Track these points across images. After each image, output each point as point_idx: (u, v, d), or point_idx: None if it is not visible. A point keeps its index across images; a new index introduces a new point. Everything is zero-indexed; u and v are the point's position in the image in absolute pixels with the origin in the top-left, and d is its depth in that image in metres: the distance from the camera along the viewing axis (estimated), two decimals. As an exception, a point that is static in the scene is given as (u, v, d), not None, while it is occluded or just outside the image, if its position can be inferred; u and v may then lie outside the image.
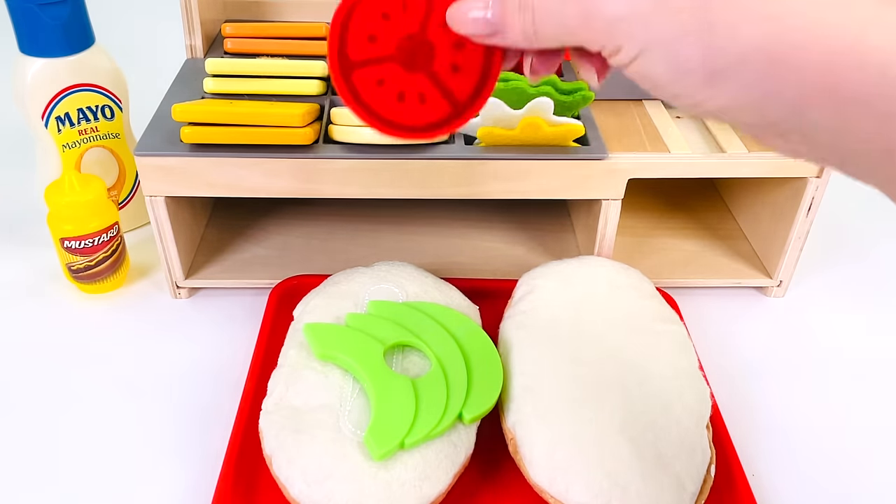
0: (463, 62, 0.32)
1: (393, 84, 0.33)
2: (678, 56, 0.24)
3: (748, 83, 0.24)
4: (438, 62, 0.33)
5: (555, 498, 0.37)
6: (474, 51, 0.32)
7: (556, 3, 0.27)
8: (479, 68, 0.32)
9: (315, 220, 0.61)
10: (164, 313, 0.54)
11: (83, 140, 0.55)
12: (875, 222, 0.66)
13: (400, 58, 0.33)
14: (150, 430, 0.45)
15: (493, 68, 0.32)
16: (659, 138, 0.52)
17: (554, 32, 0.27)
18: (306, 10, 0.63)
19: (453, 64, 0.33)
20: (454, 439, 0.39)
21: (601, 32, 0.26)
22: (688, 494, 0.38)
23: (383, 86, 0.33)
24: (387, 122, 0.33)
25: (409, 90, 0.33)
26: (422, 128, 0.33)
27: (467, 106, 0.33)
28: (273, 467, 0.38)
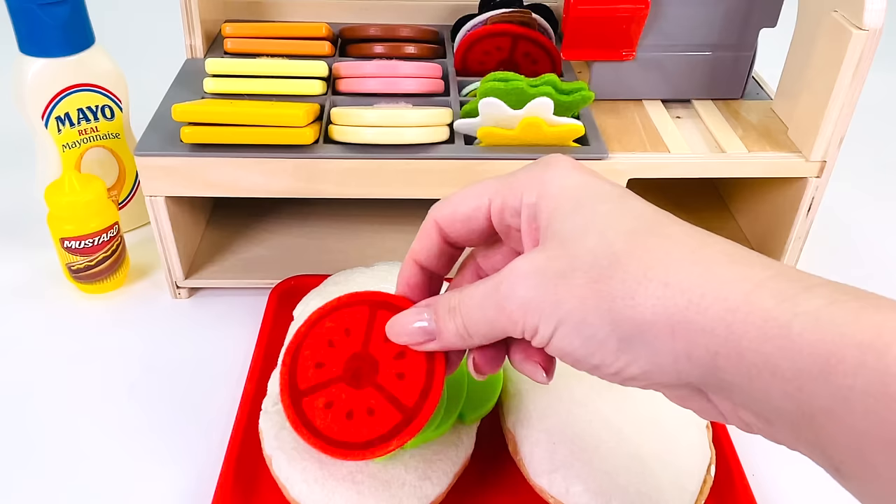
0: (407, 369, 0.34)
1: (341, 404, 0.34)
2: (588, 329, 0.25)
3: (657, 348, 0.24)
4: (383, 374, 0.34)
5: (555, 498, 0.37)
6: (416, 357, 0.34)
7: (476, 301, 0.29)
8: (423, 372, 0.34)
9: (315, 220, 0.61)
10: (164, 313, 0.54)
11: (83, 140, 0.55)
12: (875, 222, 0.66)
13: (346, 377, 0.35)
14: (150, 429, 0.45)
15: (436, 370, 0.33)
16: (659, 138, 0.52)
17: (482, 327, 0.29)
18: (306, 10, 0.63)
19: (398, 373, 0.34)
20: (454, 440, 0.39)
21: (518, 317, 0.27)
22: (688, 494, 0.38)
23: (332, 408, 0.34)
24: (337, 443, 0.34)
25: (357, 407, 0.34)
26: (372, 441, 0.33)
27: (416, 410, 0.33)
28: (273, 467, 0.38)
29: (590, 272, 0.25)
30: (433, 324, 0.31)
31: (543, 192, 0.28)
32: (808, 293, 0.23)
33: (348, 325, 0.36)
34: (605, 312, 0.25)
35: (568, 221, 0.27)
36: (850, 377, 0.21)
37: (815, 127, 0.49)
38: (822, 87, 0.48)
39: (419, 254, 0.33)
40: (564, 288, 0.26)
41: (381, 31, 0.58)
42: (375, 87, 0.52)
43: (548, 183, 0.28)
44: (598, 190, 0.28)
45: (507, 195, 0.29)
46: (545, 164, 0.29)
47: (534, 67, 0.56)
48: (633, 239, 0.26)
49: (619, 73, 0.55)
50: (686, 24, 0.53)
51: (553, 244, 0.27)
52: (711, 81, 0.56)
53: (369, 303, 0.36)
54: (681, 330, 0.24)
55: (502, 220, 0.30)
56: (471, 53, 0.56)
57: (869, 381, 0.21)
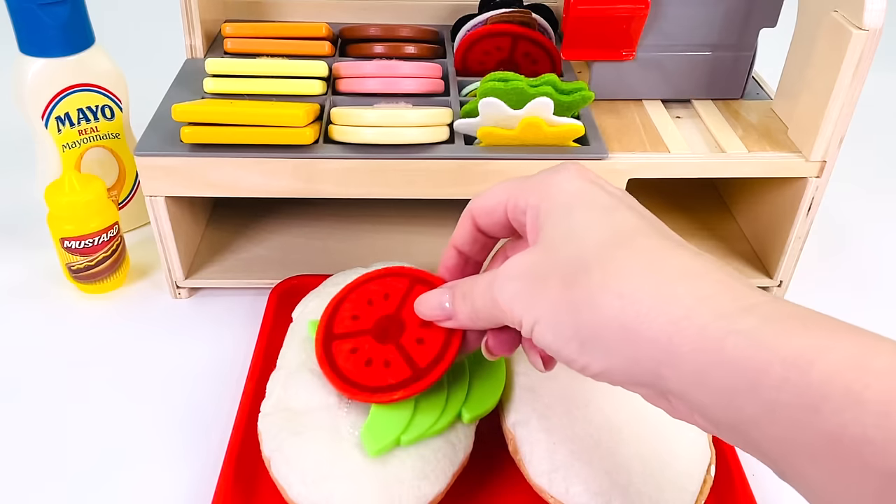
0: (427, 337, 0.38)
1: (364, 352, 0.39)
2: (557, 327, 0.28)
3: (611, 350, 0.27)
4: (406, 336, 0.39)
5: (555, 498, 0.37)
6: (437, 329, 0.38)
7: (479, 291, 0.33)
8: (440, 343, 0.38)
9: (315, 220, 0.61)
10: (164, 313, 0.54)
11: (83, 140, 0.55)
12: (875, 222, 0.66)
13: (375, 332, 0.40)
14: (149, 430, 0.45)
15: (452, 344, 0.38)
16: (659, 138, 0.52)
17: (486, 314, 0.33)
18: (306, 10, 0.63)
19: (419, 338, 0.39)
20: (452, 439, 0.39)
21: (507, 311, 0.31)
22: (688, 494, 0.38)
23: (356, 353, 0.39)
24: (350, 382, 0.38)
25: (376, 357, 0.39)
26: (380, 388, 0.38)
27: (425, 371, 0.37)
28: (272, 469, 0.38)
29: (563, 278, 0.28)
30: (451, 305, 0.35)
31: (545, 195, 0.31)
32: (745, 312, 0.25)
33: (388, 291, 0.41)
34: (570, 315, 0.28)
35: (557, 227, 0.30)
36: (775, 391, 0.23)
37: (815, 127, 0.49)
38: (822, 87, 0.48)
39: (456, 239, 0.37)
40: (542, 290, 0.29)
41: (381, 31, 0.58)
42: (375, 87, 0.52)
43: (550, 187, 0.31)
44: (592, 198, 0.30)
45: (519, 195, 0.32)
46: (554, 169, 0.32)
47: (534, 67, 0.56)
48: (603, 250, 0.28)
49: (619, 73, 0.55)
50: (686, 24, 0.53)
51: (541, 247, 0.30)
52: (711, 81, 0.56)
53: (410, 276, 0.41)
54: (630, 338, 0.26)
55: (515, 217, 0.33)
56: (471, 53, 0.56)
57: (792, 395, 0.22)
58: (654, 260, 0.27)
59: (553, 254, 0.29)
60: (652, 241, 0.28)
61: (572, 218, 0.30)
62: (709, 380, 0.24)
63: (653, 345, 0.25)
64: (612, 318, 0.26)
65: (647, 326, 0.25)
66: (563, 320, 0.28)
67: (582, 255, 0.28)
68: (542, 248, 0.30)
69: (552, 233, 0.30)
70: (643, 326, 0.26)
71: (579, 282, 0.28)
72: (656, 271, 0.27)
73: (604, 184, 0.32)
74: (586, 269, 0.28)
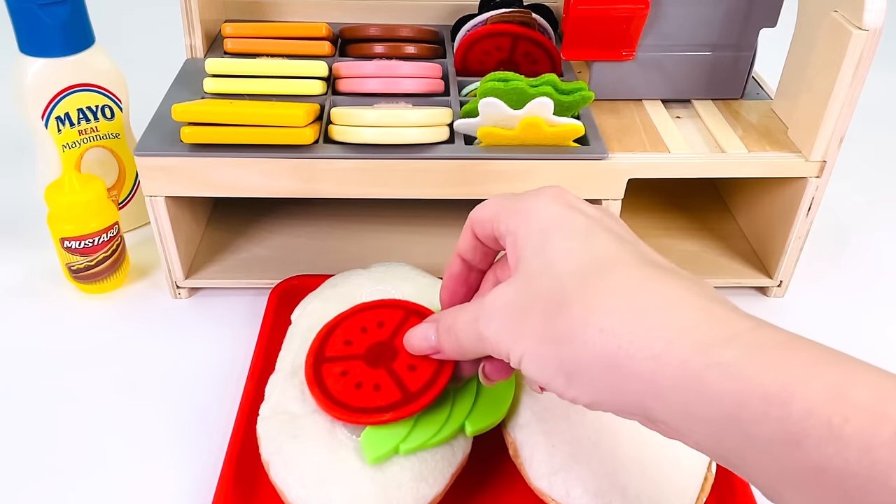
0: (419, 364, 0.39)
1: (355, 376, 0.39)
2: (542, 361, 0.28)
3: (596, 384, 0.27)
4: (398, 363, 0.39)
5: (555, 501, 0.37)
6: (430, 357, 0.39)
7: (462, 325, 0.33)
8: (432, 370, 0.39)
9: (315, 220, 0.61)
10: (164, 313, 0.54)
11: (83, 140, 0.55)
12: (875, 222, 0.66)
13: (366, 357, 0.40)
14: (149, 430, 0.45)
15: (444, 370, 0.38)
16: (659, 138, 0.52)
17: (471, 347, 0.33)
18: (306, 10, 0.63)
19: (411, 364, 0.39)
20: (451, 441, 0.39)
21: (492, 345, 0.31)
22: (688, 494, 0.38)
23: (346, 376, 0.39)
24: (338, 402, 0.38)
25: (367, 381, 0.39)
26: (369, 409, 0.38)
27: (416, 396, 0.38)
28: (270, 472, 0.38)
29: (544, 311, 0.28)
30: (436, 339, 0.36)
31: (522, 221, 0.31)
32: (726, 343, 0.24)
33: (383, 320, 0.42)
34: (553, 350, 0.28)
35: (534, 259, 0.30)
36: (756, 425, 0.23)
37: (815, 127, 0.49)
38: (822, 87, 0.48)
39: (460, 248, 0.37)
40: (524, 324, 0.29)
41: (381, 31, 0.58)
42: (375, 87, 0.52)
43: (529, 213, 0.31)
44: (569, 226, 0.30)
45: (501, 217, 0.33)
46: (533, 193, 0.32)
47: (534, 67, 0.56)
48: (582, 283, 0.28)
49: (619, 72, 0.55)
50: (686, 24, 0.53)
51: (521, 279, 0.30)
52: (711, 81, 0.56)
53: (405, 308, 0.43)
54: (613, 372, 0.26)
55: (499, 237, 0.33)
56: (471, 53, 0.56)
57: (773, 430, 0.22)
58: (633, 291, 0.27)
59: (533, 285, 0.29)
60: (630, 272, 0.28)
61: (550, 246, 0.30)
62: (692, 412, 0.24)
63: (636, 379, 0.25)
64: (594, 354, 0.26)
65: (630, 362, 0.25)
66: (546, 355, 0.28)
67: (561, 286, 0.28)
68: (521, 278, 0.30)
69: (531, 263, 0.30)
70: (626, 361, 0.25)
71: (560, 316, 0.27)
72: (636, 303, 0.26)
73: (582, 206, 0.31)
74: (566, 302, 0.28)
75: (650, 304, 0.26)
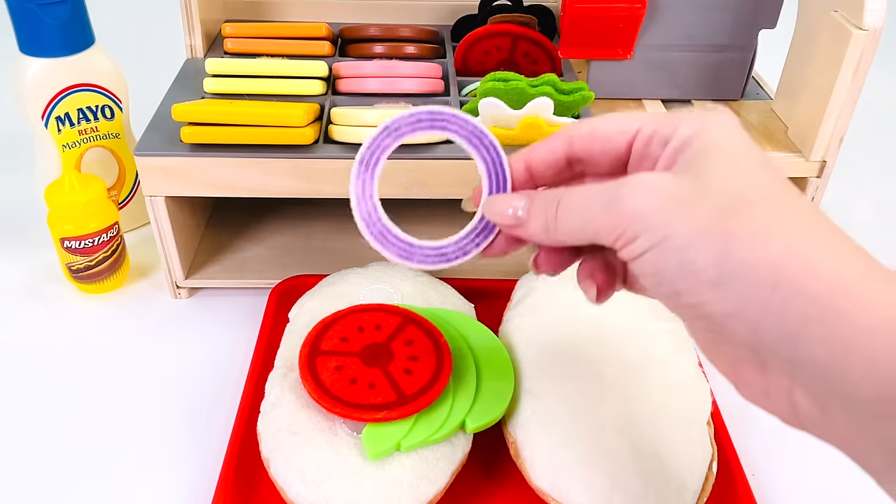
0: (416, 369, 0.39)
1: (350, 372, 0.39)
2: (692, 254, 0.25)
3: (751, 295, 0.24)
4: (394, 365, 0.40)
5: (556, 500, 0.37)
6: (426, 363, 0.40)
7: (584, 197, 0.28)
8: (428, 376, 0.39)
9: (315, 220, 0.61)
10: (164, 313, 0.54)
11: (83, 140, 0.55)
12: (875, 222, 0.66)
13: (362, 356, 0.40)
14: (149, 430, 0.45)
15: (440, 379, 0.39)
16: (659, 138, 0.51)
17: (574, 224, 0.29)
18: (306, 10, 0.63)
19: (407, 369, 0.40)
20: (452, 439, 0.39)
21: (621, 222, 0.27)
22: (689, 493, 0.38)
23: (341, 371, 0.39)
24: (333, 396, 0.38)
25: (362, 378, 0.39)
26: (363, 406, 0.38)
27: (411, 399, 0.38)
28: (271, 470, 0.38)
29: (717, 206, 0.25)
30: (524, 212, 0.31)
31: (702, 131, 0.28)
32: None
33: (381, 323, 0.42)
34: (718, 245, 0.25)
35: (714, 162, 0.27)
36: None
37: (815, 127, 0.49)
38: (822, 87, 0.48)
39: (535, 151, 0.33)
40: (684, 211, 0.26)
41: (381, 31, 0.58)
42: (375, 87, 0.52)
43: (710, 126, 0.28)
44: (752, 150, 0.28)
45: (663, 125, 0.29)
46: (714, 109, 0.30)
47: (534, 67, 0.56)
48: (773, 197, 0.26)
49: (618, 72, 0.55)
50: (685, 25, 0.53)
51: (689, 175, 0.27)
52: (711, 81, 0.56)
53: (403, 315, 0.43)
54: (785, 287, 0.24)
55: (647, 145, 0.30)
56: (471, 53, 0.56)
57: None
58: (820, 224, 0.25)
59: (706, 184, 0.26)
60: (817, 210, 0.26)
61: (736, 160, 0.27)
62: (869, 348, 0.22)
63: (808, 301, 0.23)
64: (771, 261, 0.24)
65: (811, 282, 0.23)
66: (705, 247, 0.25)
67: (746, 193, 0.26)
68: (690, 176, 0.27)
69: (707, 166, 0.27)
70: (806, 280, 0.24)
71: (740, 216, 0.25)
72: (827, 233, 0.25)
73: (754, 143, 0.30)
74: (750, 206, 0.25)
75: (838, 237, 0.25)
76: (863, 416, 0.23)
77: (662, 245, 0.26)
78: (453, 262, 0.33)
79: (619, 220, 0.27)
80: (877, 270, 0.24)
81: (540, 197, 0.31)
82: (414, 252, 0.33)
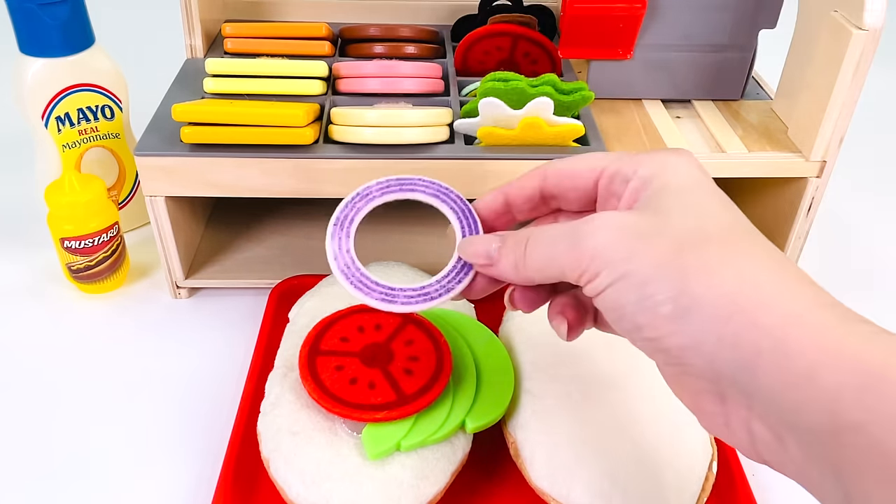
0: (416, 369, 0.39)
1: (350, 371, 0.39)
2: (651, 289, 0.26)
3: (707, 327, 0.25)
4: (394, 365, 0.40)
5: (556, 500, 0.37)
6: (427, 363, 0.40)
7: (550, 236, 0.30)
8: (428, 375, 0.39)
9: (315, 220, 0.61)
10: (164, 313, 0.54)
11: (83, 140, 0.55)
12: (875, 222, 0.66)
13: (362, 356, 0.40)
14: (149, 430, 0.45)
15: (440, 379, 0.39)
16: (659, 138, 0.52)
17: (541, 262, 0.30)
18: (306, 10, 0.63)
19: (407, 368, 0.40)
20: (452, 439, 0.39)
21: (584, 259, 0.28)
22: (689, 493, 0.38)
23: (341, 371, 0.40)
24: (332, 396, 0.38)
25: (362, 378, 0.39)
26: (363, 406, 0.38)
27: (411, 399, 0.38)
28: (271, 470, 0.38)
29: (675, 242, 0.26)
30: (496, 252, 0.32)
31: (661, 170, 0.29)
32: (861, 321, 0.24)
33: (381, 323, 0.42)
34: (674, 279, 0.26)
35: (672, 200, 0.28)
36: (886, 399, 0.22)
37: (815, 127, 0.49)
38: (822, 87, 0.48)
39: (513, 189, 0.34)
40: (643, 246, 0.27)
41: (381, 31, 0.58)
42: (375, 87, 0.52)
43: (669, 165, 0.30)
44: (707, 185, 0.29)
45: (624, 164, 0.31)
46: (672, 150, 0.31)
47: (534, 67, 0.56)
48: (730, 232, 0.27)
49: (618, 72, 0.55)
50: (685, 25, 0.53)
51: (648, 213, 0.28)
52: (711, 81, 0.56)
53: (404, 315, 0.42)
54: (738, 319, 0.24)
55: (610, 183, 0.31)
56: (471, 53, 0.56)
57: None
58: (773, 259, 0.26)
59: (665, 219, 0.28)
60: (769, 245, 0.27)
61: (693, 196, 0.28)
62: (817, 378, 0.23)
63: (761, 332, 0.24)
64: (725, 295, 0.25)
65: (764, 312, 0.24)
66: (663, 283, 0.26)
67: (703, 228, 0.27)
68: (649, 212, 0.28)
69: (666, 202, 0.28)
70: (759, 311, 0.24)
71: (696, 251, 0.26)
72: (777, 268, 0.26)
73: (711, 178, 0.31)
74: (707, 241, 0.26)
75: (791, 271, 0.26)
76: (815, 447, 0.24)
77: (623, 281, 0.27)
78: (436, 301, 0.34)
79: (581, 258, 0.28)
80: (825, 300, 0.25)
81: (511, 237, 0.32)
82: (396, 295, 0.34)
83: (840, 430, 0.23)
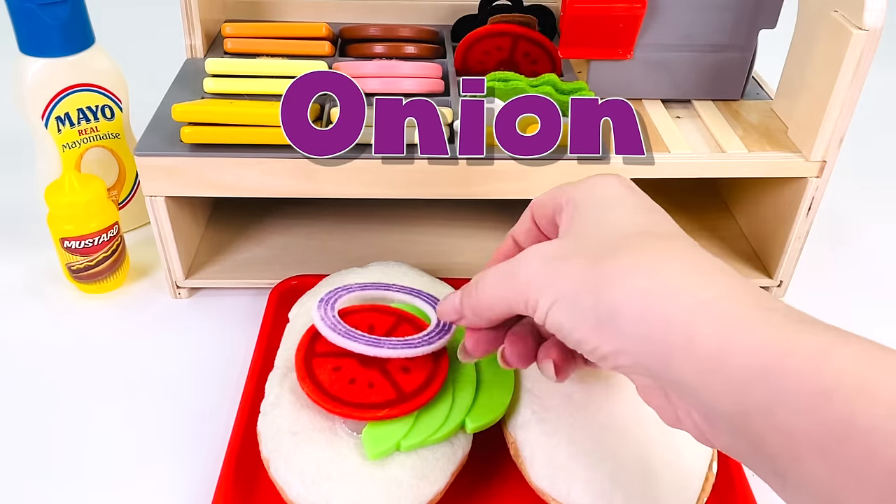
0: (413, 367, 0.40)
1: (348, 372, 0.40)
2: (574, 304, 0.28)
3: (625, 331, 0.27)
4: (391, 364, 0.40)
5: (556, 500, 0.37)
6: (424, 361, 0.40)
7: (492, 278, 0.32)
8: (426, 373, 0.39)
9: (315, 220, 0.61)
10: (164, 313, 0.54)
11: (83, 140, 0.55)
12: (875, 222, 0.66)
13: (359, 356, 0.40)
14: (149, 430, 0.45)
15: (437, 376, 0.39)
16: (659, 138, 0.52)
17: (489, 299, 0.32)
18: (306, 10, 0.63)
19: (404, 367, 0.40)
20: (452, 439, 0.39)
21: (522, 292, 0.30)
22: (689, 493, 0.38)
23: (339, 371, 0.40)
24: (332, 397, 0.38)
25: (360, 378, 0.39)
26: (364, 405, 0.38)
27: (410, 396, 0.38)
28: (271, 470, 0.38)
29: (588, 257, 0.28)
30: (459, 304, 0.35)
31: (587, 195, 0.32)
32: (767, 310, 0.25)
33: (374, 324, 0.42)
34: (590, 292, 0.28)
35: (591, 218, 0.31)
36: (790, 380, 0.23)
37: (815, 127, 0.49)
38: (822, 87, 0.48)
39: (515, 229, 0.37)
40: (564, 268, 0.29)
41: (381, 31, 0.58)
42: (375, 87, 0.52)
43: (595, 188, 0.32)
44: (630, 200, 0.31)
45: (559, 195, 0.33)
46: (600, 175, 0.33)
47: (534, 67, 0.56)
48: (639, 239, 0.29)
49: (618, 72, 0.55)
50: (685, 25, 0.53)
51: (570, 236, 0.31)
52: (711, 81, 0.56)
53: (397, 315, 0.43)
54: (648, 318, 0.26)
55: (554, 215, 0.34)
56: (471, 53, 0.56)
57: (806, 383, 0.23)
58: (685, 255, 0.28)
59: (581, 238, 0.30)
60: (685, 243, 0.29)
61: (609, 213, 0.30)
62: (723, 364, 0.24)
63: (670, 326, 0.25)
64: (633, 296, 0.26)
65: (669, 306, 0.26)
66: (581, 297, 0.28)
67: (614, 240, 0.29)
68: (570, 236, 0.31)
69: (583, 222, 0.31)
70: (665, 306, 0.26)
71: (606, 261, 0.28)
72: (687, 263, 0.27)
73: (642, 193, 0.32)
74: (616, 251, 0.28)
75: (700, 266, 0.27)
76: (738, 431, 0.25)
77: (557, 304, 0.29)
78: (417, 350, 0.39)
79: (520, 290, 0.30)
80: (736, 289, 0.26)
81: (466, 287, 0.35)
82: (382, 343, 0.39)
83: (750, 413, 0.24)
